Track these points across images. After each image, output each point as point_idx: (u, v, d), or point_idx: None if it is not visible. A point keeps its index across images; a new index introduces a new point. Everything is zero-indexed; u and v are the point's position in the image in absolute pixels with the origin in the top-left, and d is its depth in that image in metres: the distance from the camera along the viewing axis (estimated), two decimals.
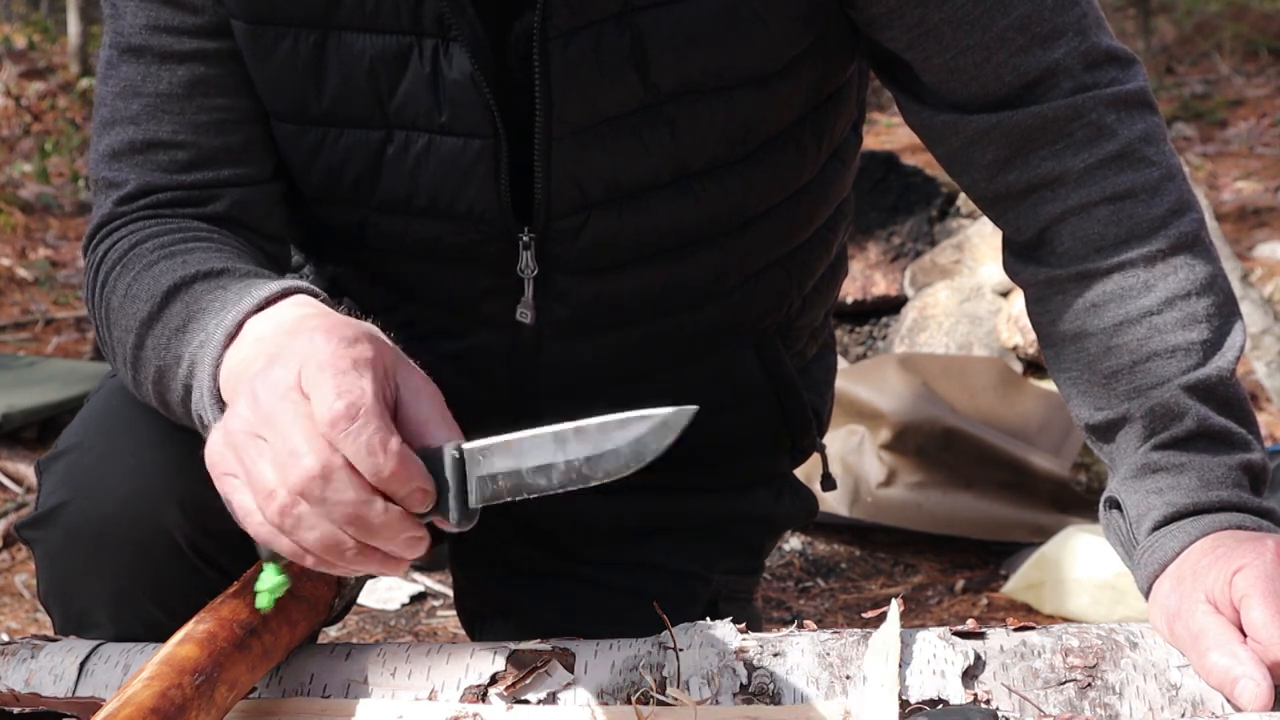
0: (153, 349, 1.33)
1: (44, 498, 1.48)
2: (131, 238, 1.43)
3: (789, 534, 3.19)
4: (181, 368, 1.29)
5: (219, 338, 1.24)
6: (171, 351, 1.31)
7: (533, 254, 1.51)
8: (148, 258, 1.39)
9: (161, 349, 1.32)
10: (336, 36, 1.44)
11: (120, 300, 1.39)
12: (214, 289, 1.31)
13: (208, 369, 1.24)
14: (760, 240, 1.58)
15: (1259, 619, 1.23)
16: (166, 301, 1.33)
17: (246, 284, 1.29)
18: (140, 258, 1.40)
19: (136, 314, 1.36)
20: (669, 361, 1.63)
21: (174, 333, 1.31)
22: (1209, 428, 1.38)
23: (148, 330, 1.34)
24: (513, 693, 1.30)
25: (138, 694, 1.14)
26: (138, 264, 1.40)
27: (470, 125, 1.44)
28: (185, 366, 1.28)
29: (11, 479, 3.58)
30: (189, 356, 1.28)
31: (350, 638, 2.82)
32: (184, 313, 1.31)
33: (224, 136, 1.47)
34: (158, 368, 1.33)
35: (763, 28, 1.43)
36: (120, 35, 1.46)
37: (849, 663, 1.30)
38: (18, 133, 8.28)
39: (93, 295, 1.46)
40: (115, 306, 1.40)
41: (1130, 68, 1.46)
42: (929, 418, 3.13)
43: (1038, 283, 1.47)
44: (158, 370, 1.33)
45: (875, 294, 3.95)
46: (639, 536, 1.75)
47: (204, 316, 1.29)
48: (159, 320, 1.33)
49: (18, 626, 2.90)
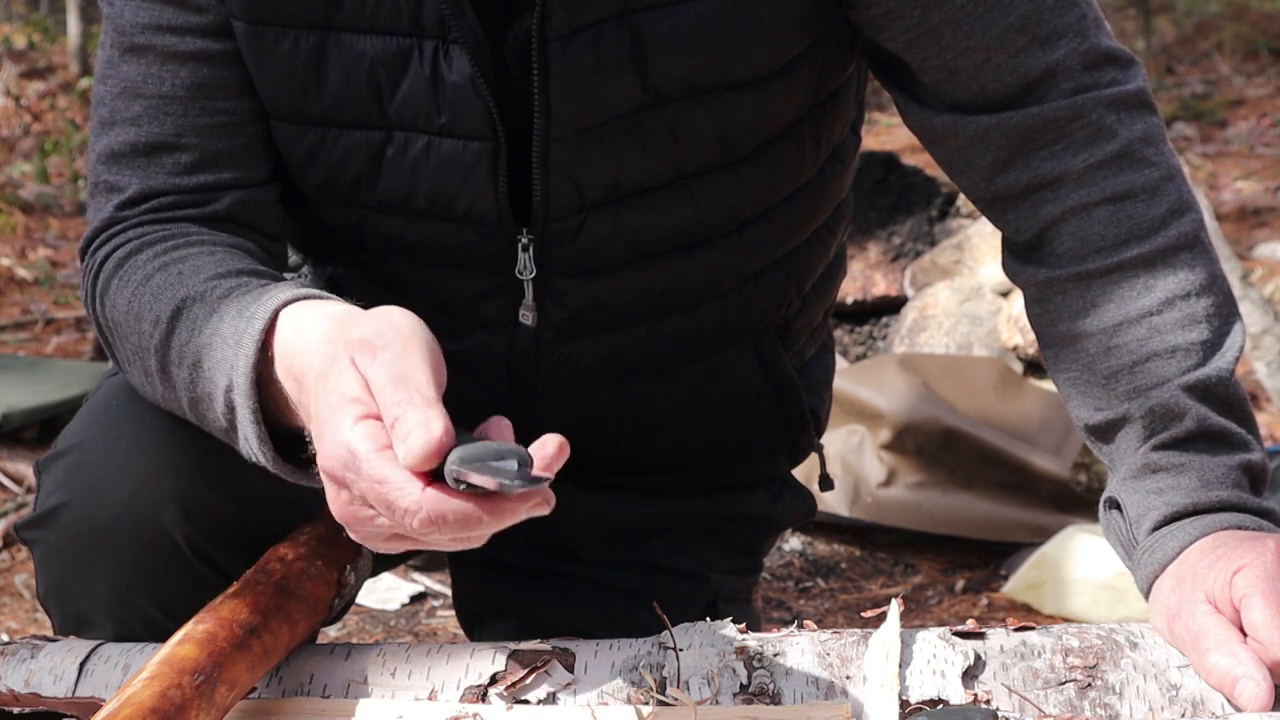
0: (181, 384, 1.34)
1: (44, 498, 1.48)
2: (129, 245, 1.43)
3: (789, 534, 3.19)
4: (218, 404, 1.29)
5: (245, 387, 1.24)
6: (201, 388, 1.31)
7: (531, 256, 1.51)
8: (143, 270, 1.39)
9: (188, 384, 1.32)
10: (336, 37, 1.44)
11: (124, 316, 1.38)
12: (211, 315, 1.31)
13: (249, 420, 1.25)
14: (759, 241, 1.58)
15: (1259, 619, 1.23)
16: (172, 327, 1.33)
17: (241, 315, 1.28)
18: (136, 269, 1.39)
19: (145, 335, 1.35)
20: (668, 362, 1.63)
21: (191, 369, 1.31)
22: (1209, 428, 1.38)
23: (165, 354, 1.34)
24: (513, 693, 1.30)
25: (138, 694, 1.14)
26: (134, 276, 1.39)
27: (470, 127, 1.44)
28: (222, 405, 1.28)
29: (11, 479, 3.58)
30: (222, 395, 1.28)
31: (350, 638, 2.82)
32: (194, 350, 1.31)
33: (226, 139, 1.47)
34: (190, 399, 1.33)
35: (762, 29, 1.43)
36: (121, 34, 1.45)
37: (849, 663, 1.30)
38: (18, 133, 8.27)
39: (92, 302, 1.45)
40: (120, 321, 1.39)
41: (1130, 68, 1.46)
42: (929, 418, 3.13)
43: (1037, 283, 1.47)
44: (190, 402, 1.33)
45: (875, 294, 3.95)
46: (638, 536, 1.75)
47: (213, 351, 1.29)
48: (171, 347, 1.33)
49: (18, 626, 2.90)
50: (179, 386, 1.33)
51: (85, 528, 1.44)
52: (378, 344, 1.14)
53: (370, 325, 1.16)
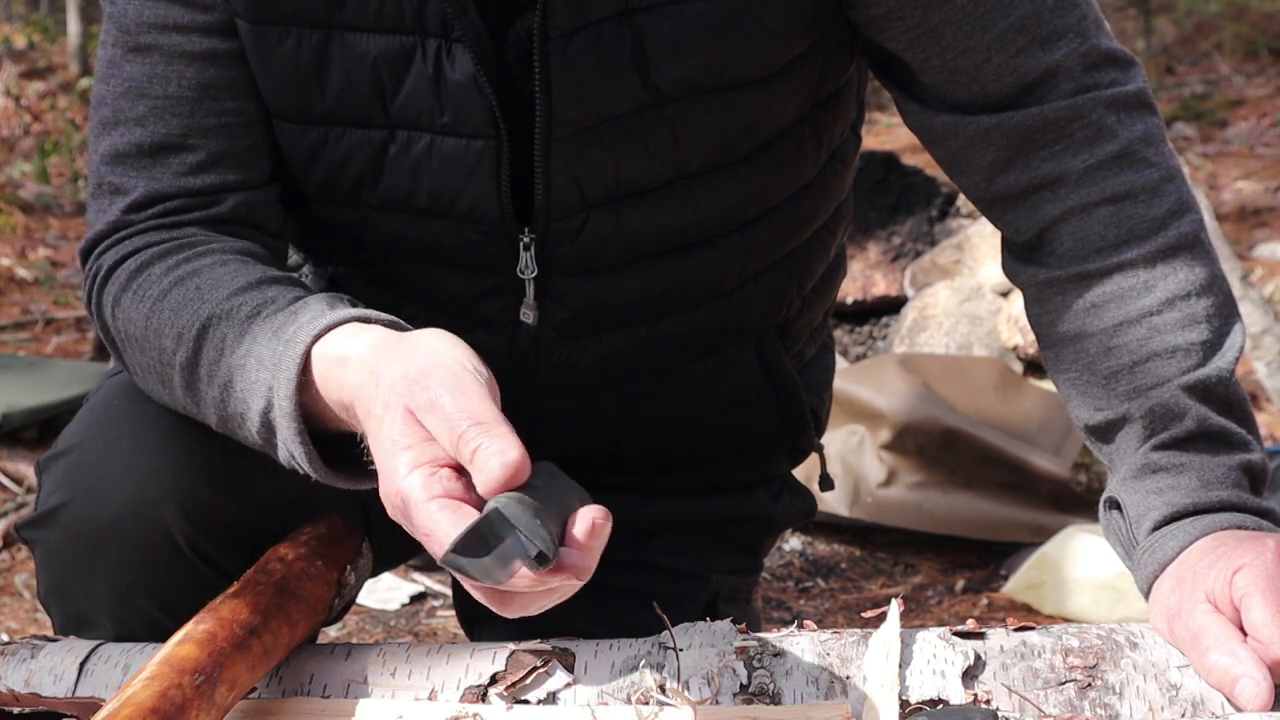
0: (210, 401, 1.35)
1: (44, 498, 1.48)
2: (140, 255, 1.42)
3: (789, 534, 3.19)
4: (252, 424, 1.30)
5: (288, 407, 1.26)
6: (233, 408, 1.32)
7: (533, 255, 1.51)
8: (159, 284, 1.39)
9: (218, 403, 1.33)
10: (339, 36, 1.43)
11: (141, 331, 1.38)
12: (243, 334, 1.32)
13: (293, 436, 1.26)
14: (759, 241, 1.58)
15: (1259, 618, 1.24)
16: (199, 345, 1.34)
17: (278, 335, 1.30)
18: (151, 284, 1.39)
19: (167, 350, 1.36)
20: (668, 362, 1.63)
21: (223, 388, 1.32)
22: (1209, 428, 1.38)
23: (193, 372, 1.35)
24: (513, 693, 1.30)
25: (138, 694, 1.14)
26: (150, 291, 1.39)
27: (472, 126, 1.44)
28: (257, 424, 1.30)
29: (11, 479, 3.58)
30: (257, 413, 1.29)
31: (350, 638, 2.82)
32: (225, 368, 1.32)
33: (232, 140, 1.47)
34: (220, 416, 1.34)
35: (763, 29, 1.43)
36: (125, 33, 1.45)
37: (849, 663, 1.30)
38: (18, 133, 8.27)
39: (100, 310, 1.44)
40: (135, 336, 1.39)
41: (1130, 69, 1.46)
42: (929, 418, 3.13)
43: (1037, 284, 1.47)
44: (220, 419, 1.34)
45: (875, 294, 3.95)
46: (638, 536, 1.75)
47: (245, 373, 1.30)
48: (199, 365, 1.34)
49: (18, 626, 2.90)
50: (207, 403, 1.35)
51: (86, 528, 1.44)
52: (431, 385, 1.16)
53: (416, 363, 1.18)
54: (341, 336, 1.25)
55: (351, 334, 1.25)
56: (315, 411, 1.27)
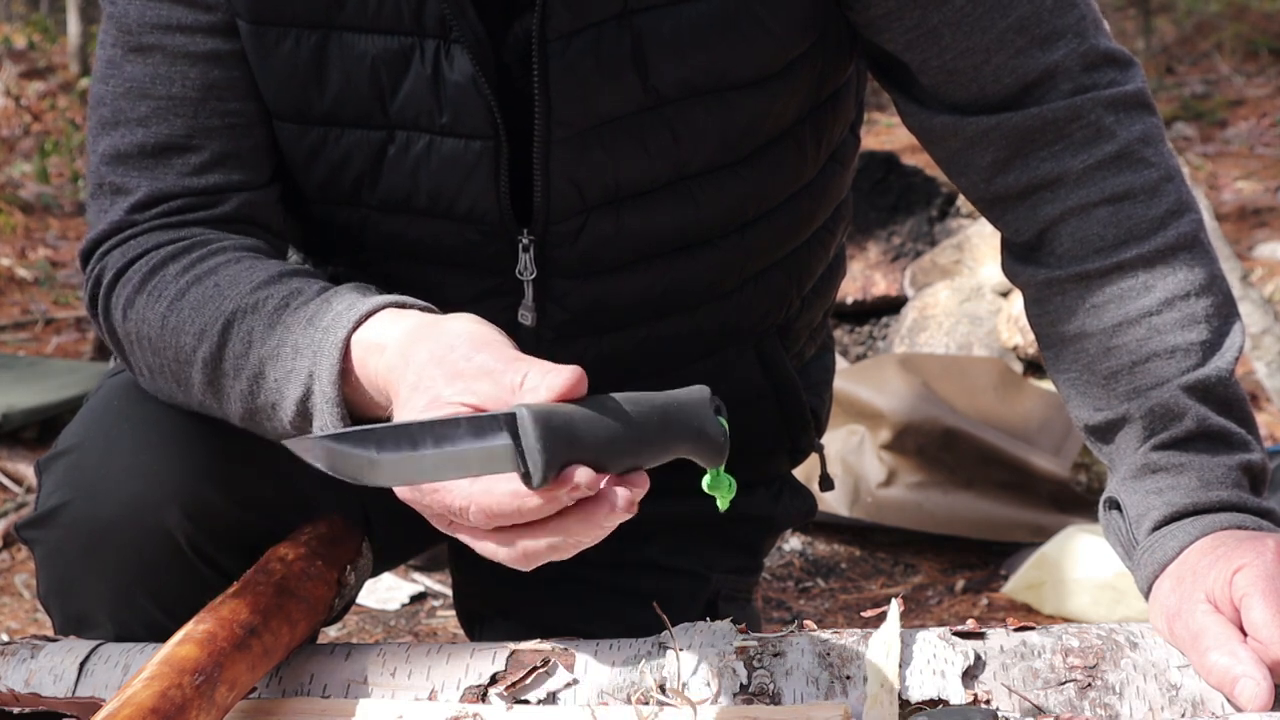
0: (236, 395, 1.35)
1: (44, 498, 1.48)
2: (151, 257, 1.42)
3: (789, 534, 3.19)
4: (286, 413, 1.31)
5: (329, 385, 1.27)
6: (264, 399, 1.33)
7: (532, 256, 1.51)
8: (175, 284, 1.39)
9: (246, 395, 1.34)
10: (338, 37, 1.43)
11: (157, 331, 1.38)
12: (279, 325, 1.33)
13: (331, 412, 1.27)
14: (759, 242, 1.58)
15: (1259, 618, 1.24)
16: (223, 340, 1.34)
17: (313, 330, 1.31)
18: (166, 284, 1.39)
19: (187, 349, 1.36)
20: (668, 363, 1.63)
21: (252, 380, 1.33)
22: (1208, 428, 1.39)
23: (216, 367, 1.35)
24: (513, 693, 1.30)
25: (138, 694, 1.14)
26: (166, 291, 1.39)
27: (471, 127, 1.44)
28: (292, 414, 1.31)
29: (11, 479, 3.58)
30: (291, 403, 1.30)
31: (350, 638, 2.82)
32: (255, 361, 1.33)
33: (235, 140, 1.47)
34: (247, 409, 1.35)
35: (762, 30, 1.43)
36: (127, 34, 1.44)
37: (849, 663, 1.30)
38: (18, 133, 8.26)
39: (107, 312, 1.44)
40: (150, 335, 1.39)
41: (1129, 69, 1.46)
42: (929, 418, 3.13)
43: (1037, 284, 1.47)
44: (247, 411, 1.35)
45: (875, 294, 3.95)
46: (639, 537, 1.75)
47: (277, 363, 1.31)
48: (224, 359, 1.34)
49: (18, 626, 2.90)
50: (232, 398, 1.35)
51: (86, 528, 1.44)
52: (460, 348, 1.18)
53: (444, 341, 1.21)
54: (379, 323, 1.27)
55: (389, 320, 1.27)
56: (351, 399, 1.28)
